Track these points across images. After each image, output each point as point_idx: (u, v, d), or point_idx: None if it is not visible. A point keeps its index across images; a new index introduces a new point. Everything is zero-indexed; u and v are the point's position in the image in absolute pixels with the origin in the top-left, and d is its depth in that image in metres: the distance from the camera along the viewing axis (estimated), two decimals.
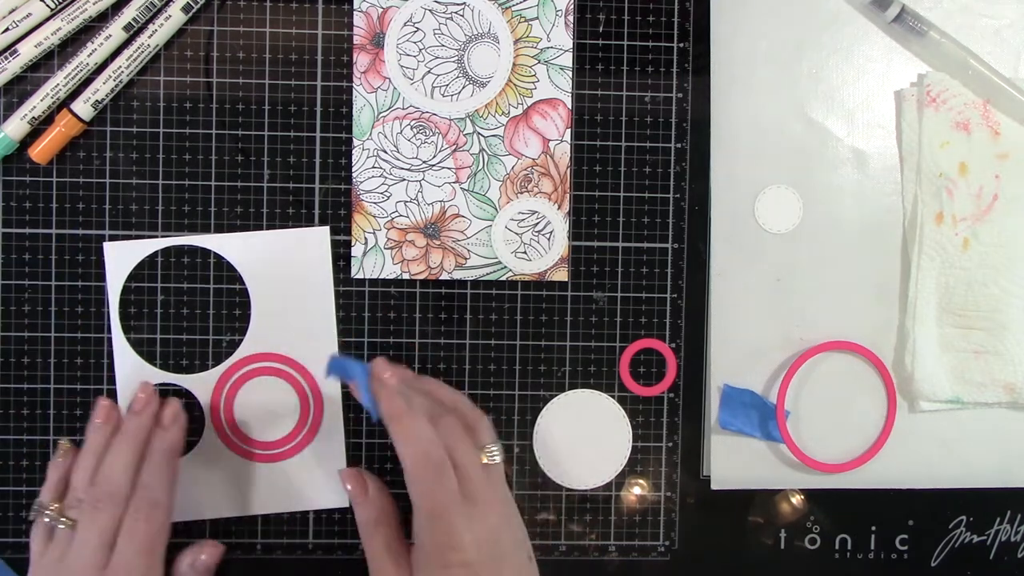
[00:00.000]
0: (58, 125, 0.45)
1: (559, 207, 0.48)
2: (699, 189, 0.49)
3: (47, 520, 0.42)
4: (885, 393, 0.49)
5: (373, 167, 0.47)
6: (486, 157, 0.48)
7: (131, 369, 0.47)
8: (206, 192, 0.47)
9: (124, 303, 0.47)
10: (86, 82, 0.45)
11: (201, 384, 0.47)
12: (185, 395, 0.47)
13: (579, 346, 0.49)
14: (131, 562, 0.41)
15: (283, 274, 0.47)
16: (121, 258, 0.47)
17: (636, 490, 0.49)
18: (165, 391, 0.47)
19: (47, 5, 0.44)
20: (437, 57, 0.47)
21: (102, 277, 0.47)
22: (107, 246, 0.47)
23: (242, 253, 0.47)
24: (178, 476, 0.45)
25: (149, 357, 0.47)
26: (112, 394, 0.47)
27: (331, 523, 0.48)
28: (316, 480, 0.48)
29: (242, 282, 0.47)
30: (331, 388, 0.48)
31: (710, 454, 0.49)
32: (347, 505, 0.48)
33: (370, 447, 0.48)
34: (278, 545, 0.48)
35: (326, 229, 0.47)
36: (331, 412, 0.48)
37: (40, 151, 0.45)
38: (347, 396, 0.48)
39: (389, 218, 0.48)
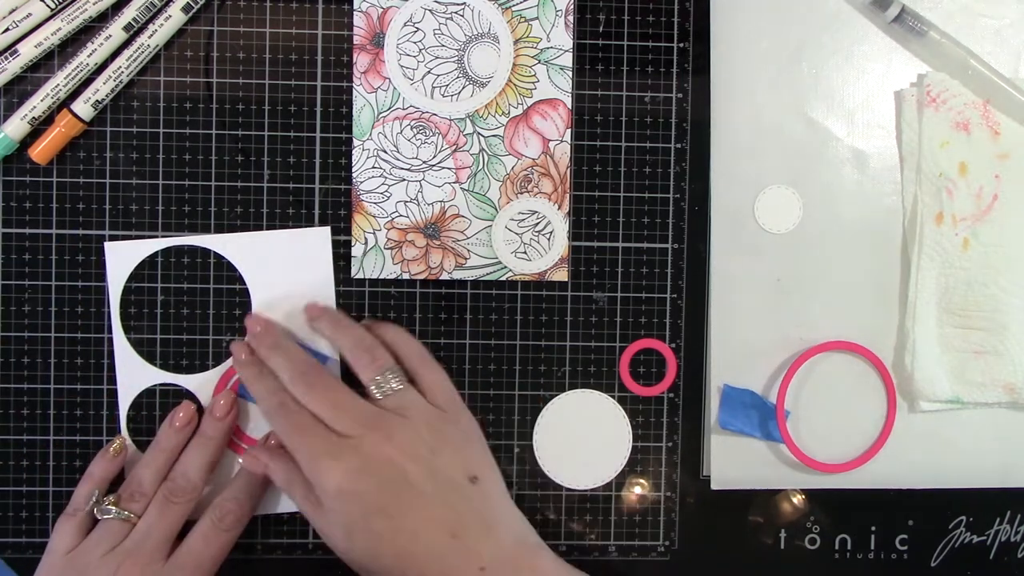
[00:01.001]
0: (58, 125, 0.45)
1: (559, 207, 0.48)
2: (699, 189, 0.49)
3: (109, 513, 0.43)
4: (885, 393, 0.49)
5: (373, 167, 0.47)
6: (486, 157, 0.48)
7: (132, 369, 0.47)
8: (206, 192, 0.47)
9: (125, 303, 0.47)
10: (86, 82, 0.45)
11: (202, 384, 0.47)
12: (186, 396, 0.47)
13: (579, 346, 0.49)
14: (201, 564, 0.43)
15: (284, 274, 0.47)
16: (122, 258, 0.47)
17: (636, 490, 0.49)
18: (165, 391, 0.47)
19: (47, 5, 0.44)
20: (437, 57, 0.47)
21: (102, 277, 0.47)
22: (108, 246, 0.47)
23: (243, 253, 0.47)
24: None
25: (150, 357, 0.47)
26: (112, 394, 0.47)
27: None
28: None
29: (243, 282, 0.47)
30: None
31: (710, 454, 0.49)
32: None
33: None
34: (278, 545, 0.48)
35: (327, 229, 0.47)
36: None
37: (40, 151, 0.45)
38: None
39: (389, 218, 0.48)
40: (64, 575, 0.42)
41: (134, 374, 0.47)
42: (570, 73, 0.48)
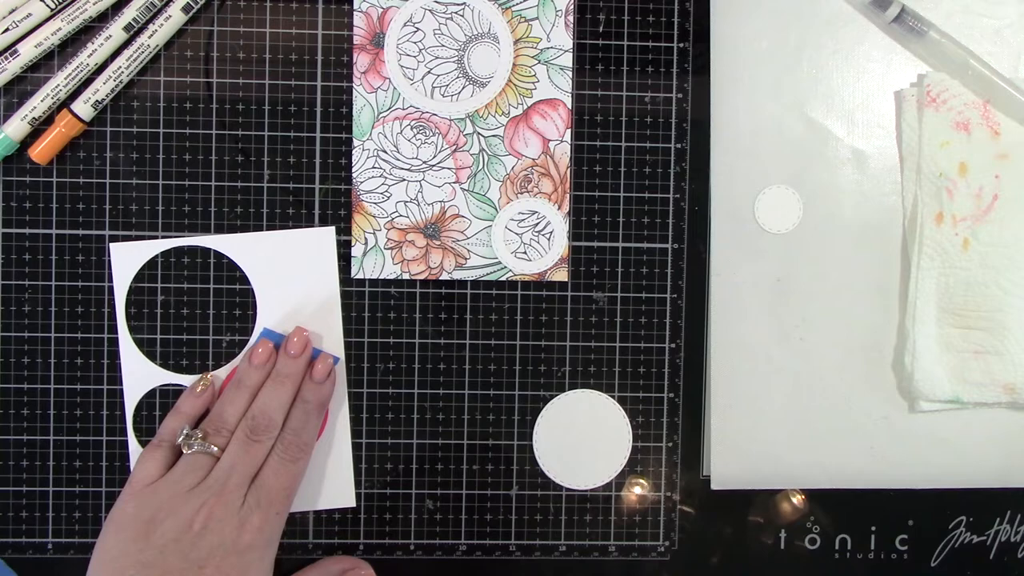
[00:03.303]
0: (58, 125, 0.45)
1: (559, 207, 0.48)
2: (699, 189, 0.49)
3: (194, 447, 0.43)
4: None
5: (373, 167, 0.47)
6: (486, 157, 0.48)
7: (138, 370, 0.47)
8: (206, 192, 0.47)
9: (129, 304, 0.47)
10: (86, 82, 0.45)
11: None
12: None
13: (579, 346, 0.49)
14: (274, 497, 0.43)
15: (289, 275, 0.47)
16: (127, 259, 0.47)
17: (636, 490, 0.49)
18: (166, 391, 0.47)
19: (47, 5, 0.44)
20: (437, 57, 0.47)
21: (102, 277, 0.47)
22: (113, 247, 0.47)
23: (248, 254, 0.47)
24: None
25: (155, 358, 0.47)
26: (112, 394, 0.47)
27: (331, 523, 0.48)
28: (320, 481, 0.48)
29: (248, 283, 0.47)
30: (337, 390, 0.48)
31: (710, 454, 0.49)
32: (351, 505, 0.48)
33: (370, 447, 0.48)
34: (278, 545, 0.48)
35: (331, 229, 0.47)
36: (336, 414, 0.48)
37: (40, 151, 0.45)
38: (353, 396, 0.48)
39: (389, 218, 0.48)
40: (146, 504, 0.42)
41: (140, 375, 0.47)
42: (570, 73, 0.48)
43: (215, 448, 0.44)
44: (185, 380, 0.47)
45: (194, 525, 0.41)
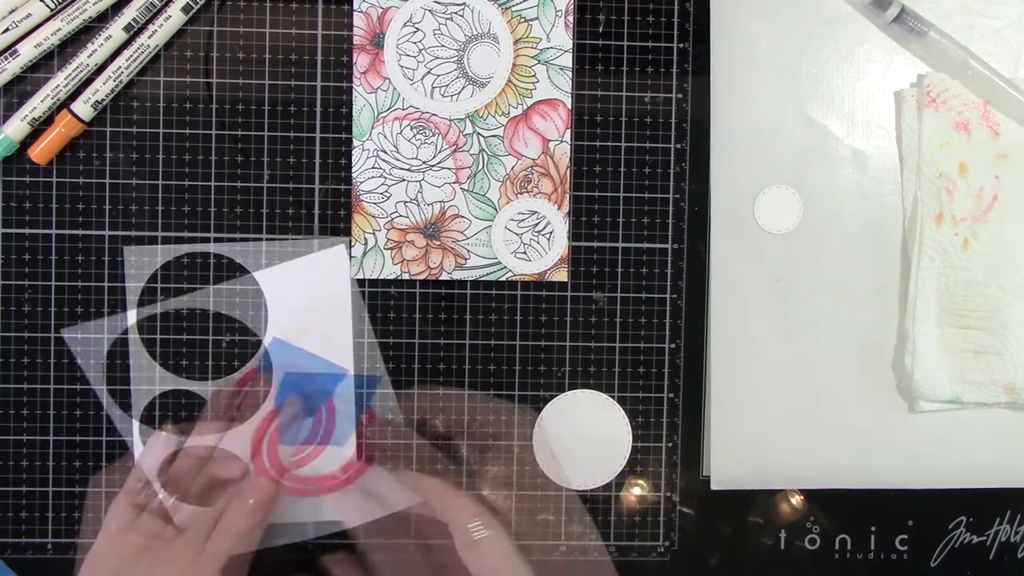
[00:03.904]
0: (58, 125, 0.45)
1: (559, 207, 0.48)
2: (699, 189, 0.49)
3: (156, 500, 0.45)
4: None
5: (373, 167, 0.47)
6: (486, 157, 0.48)
7: (146, 374, 0.47)
8: (206, 192, 0.47)
9: (140, 306, 0.47)
10: (86, 82, 0.45)
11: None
12: (201, 402, 0.47)
13: (579, 346, 0.49)
14: (236, 540, 0.44)
15: (302, 288, 0.47)
16: (140, 263, 0.47)
17: (636, 490, 0.49)
18: (167, 393, 0.47)
19: (47, 5, 0.44)
20: (437, 57, 0.47)
21: (102, 277, 0.47)
22: (127, 250, 0.47)
23: (262, 263, 0.47)
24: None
25: (162, 361, 0.47)
26: (112, 394, 0.47)
27: (331, 523, 0.48)
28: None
29: (255, 283, 0.47)
30: (341, 392, 0.48)
31: (710, 454, 0.49)
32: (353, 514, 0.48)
33: (370, 447, 0.48)
34: (278, 545, 0.48)
35: (342, 247, 0.47)
36: (343, 426, 0.48)
37: (40, 151, 0.45)
38: (361, 409, 0.48)
39: (389, 218, 0.48)
40: (111, 555, 0.44)
41: (149, 379, 0.47)
42: (570, 73, 0.48)
43: (174, 499, 0.45)
44: (192, 385, 0.47)
45: None
